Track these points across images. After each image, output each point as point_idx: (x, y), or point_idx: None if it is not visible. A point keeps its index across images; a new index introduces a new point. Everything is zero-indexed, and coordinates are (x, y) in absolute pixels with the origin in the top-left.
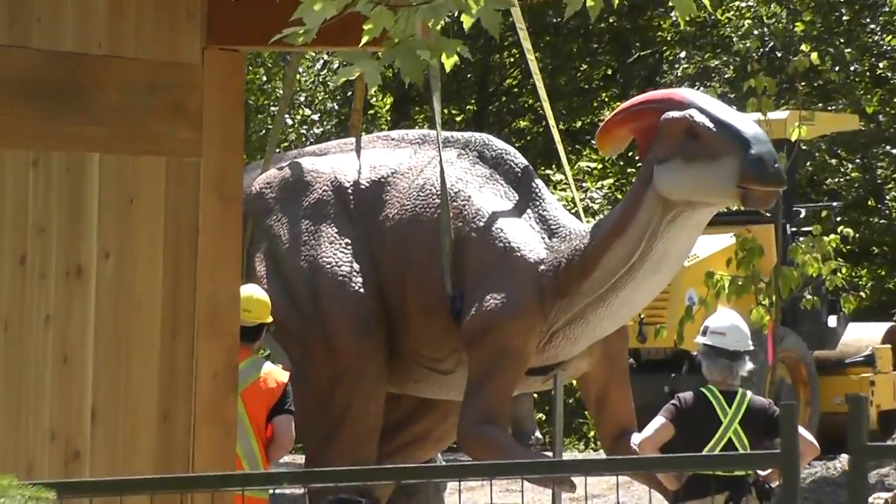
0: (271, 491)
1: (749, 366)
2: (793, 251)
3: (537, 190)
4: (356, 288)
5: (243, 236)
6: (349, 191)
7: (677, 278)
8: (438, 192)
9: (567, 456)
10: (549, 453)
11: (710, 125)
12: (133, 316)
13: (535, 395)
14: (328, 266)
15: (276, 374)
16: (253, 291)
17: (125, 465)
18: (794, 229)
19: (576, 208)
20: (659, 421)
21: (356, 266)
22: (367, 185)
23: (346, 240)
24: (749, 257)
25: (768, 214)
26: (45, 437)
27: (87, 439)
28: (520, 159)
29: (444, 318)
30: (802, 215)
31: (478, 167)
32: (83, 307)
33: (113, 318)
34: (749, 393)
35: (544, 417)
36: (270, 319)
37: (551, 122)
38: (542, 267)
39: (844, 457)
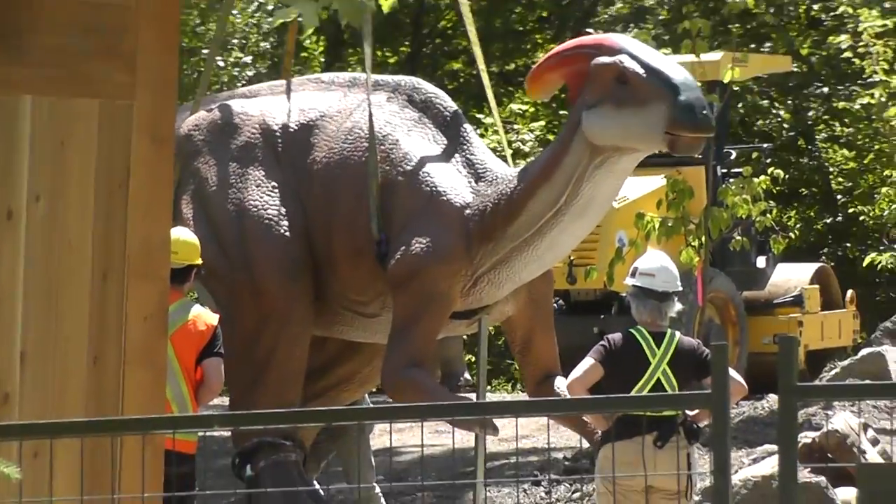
0: (200, 433)
1: (678, 307)
2: (723, 193)
3: (465, 134)
4: (283, 231)
5: None
6: (277, 134)
7: (607, 219)
8: (367, 136)
9: (495, 397)
10: (473, 395)
11: (640, 71)
12: (64, 259)
13: (465, 338)
14: (255, 209)
15: (205, 316)
16: (180, 234)
17: (55, 409)
18: (724, 171)
19: (504, 152)
20: (588, 362)
21: (283, 209)
22: (296, 128)
23: (274, 183)
24: (679, 199)
25: (699, 156)
26: None
27: (16, 382)
28: (449, 103)
29: (371, 261)
30: (733, 157)
31: (407, 111)
32: (13, 250)
33: (43, 262)
34: (678, 334)
35: (473, 359)
36: (200, 262)
37: (481, 66)
38: (468, 211)
39: (773, 397)
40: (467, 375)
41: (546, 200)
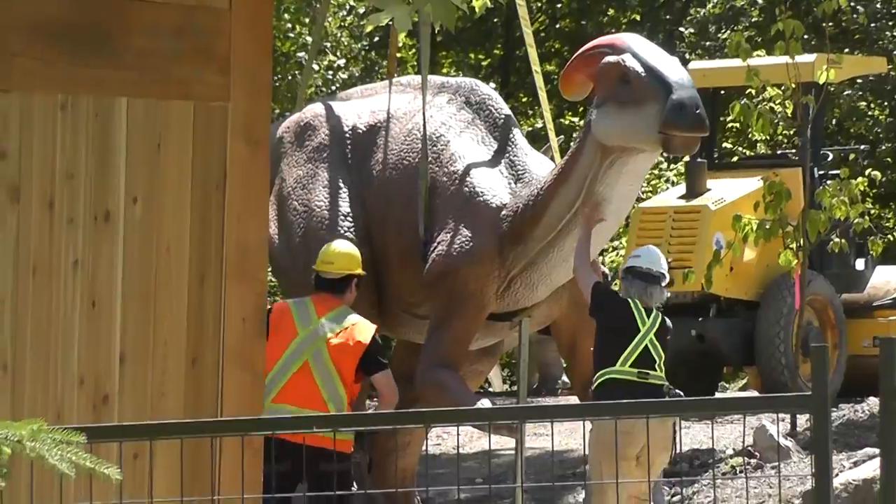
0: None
1: (664, 295)
2: (820, 194)
3: (513, 137)
4: (343, 232)
5: None
6: (347, 136)
7: (705, 222)
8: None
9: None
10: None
11: (640, 70)
12: (161, 260)
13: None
14: (319, 210)
15: (361, 325)
16: (338, 245)
17: (154, 410)
18: (821, 172)
19: (550, 151)
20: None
21: (346, 210)
22: (364, 129)
23: (340, 184)
24: (777, 201)
25: (795, 158)
26: (73, 381)
27: (115, 383)
28: (501, 105)
29: (418, 262)
30: (830, 158)
31: (462, 112)
32: (111, 252)
33: (141, 263)
34: (661, 314)
35: (565, 365)
36: (359, 271)
37: (535, 67)
38: (504, 212)
39: (873, 400)
40: (565, 378)
41: (564, 201)
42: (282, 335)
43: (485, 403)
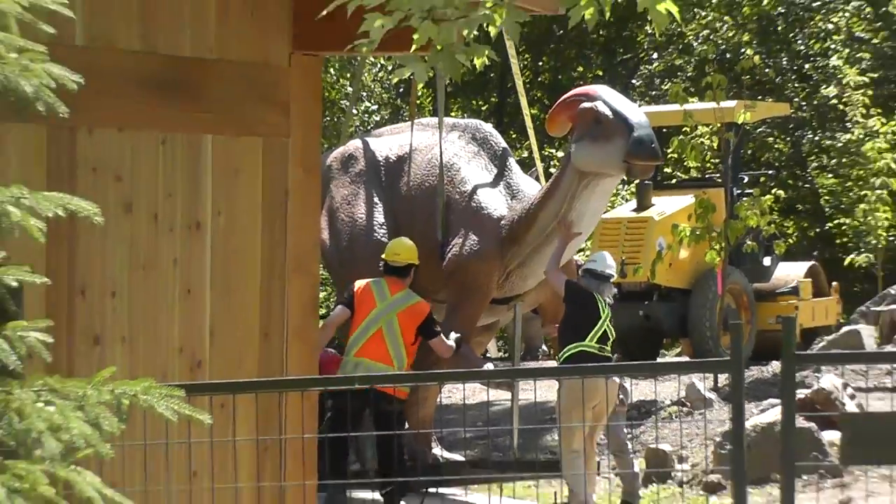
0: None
1: (613, 290)
2: (738, 208)
3: (509, 164)
4: (379, 237)
5: None
6: (381, 164)
7: (650, 229)
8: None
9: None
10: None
11: (609, 113)
12: (239, 259)
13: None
14: (361, 220)
15: (422, 303)
16: (403, 241)
17: (236, 372)
18: (739, 191)
19: (536, 174)
20: (562, 276)
21: (382, 221)
22: (394, 159)
23: (376, 200)
24: (705, 213)
25: (719, 180)
26: (174, 350)
27: (206, 352)
28: (499, 140)
29: (437, 260)
30: (745, 181)
31: (470, 145)
32: (201, 253)
33: (224, 261)
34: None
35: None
36: (416, 262)
37: (525, 111)
38: (503, 222)
39: (775, 363)
40: (544, 347)
41: (550, 213)
42: (364, 306)
43: (488, 366)
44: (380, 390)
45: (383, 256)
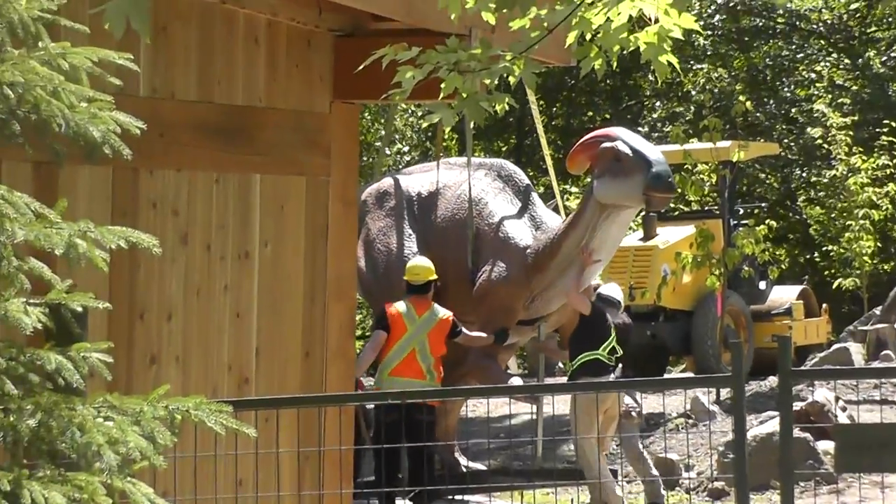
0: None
1: (622, 316)
2: (735, 237)
3: (532, 198)
4: None
5: None
6: (414, 199)
7: (656, 256)
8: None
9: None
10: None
11: (629, 152)
12: (284, 285)
13: (558, 339)
14: (396, 251)
15: (446, 315)
16: (419, 261)
17: (280, 388)
18: (735, 222)
19: (555, 205)
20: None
21: (415, 250)
22: (426, 195)
23: (410, 232)
24: (705, 242)
25: (717, 212)
26: (224, 368)
27: (252, 370)
28: (522, 177)
29: (467, 286)
30: (741, 212)
31: (495, 182)
32: (250, 279)
33: (270, 287)
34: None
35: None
36: (434, 277)
37: (545, 150)
38: (528, 251)
39: (772, 378)
40: (560, 364)
41: (573, 242)
42: (397, 329)
43: (517, 381)
44: (414, 403)
45: (405, 277)
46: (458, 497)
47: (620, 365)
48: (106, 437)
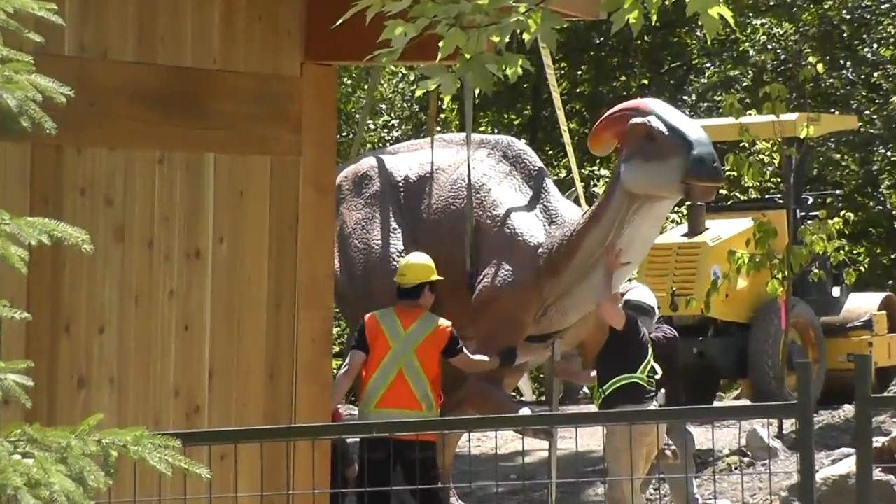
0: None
1: (663, 327)
2: (802, 232)
3: (546, 185)
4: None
5: None
6: (400, 185)
7: (704, 256)
8: (467, 186)
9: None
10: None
11: (664, 129)
12: (243, 291)
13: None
14: (377, 248)
15: (442, 325)
16: (410, 257)
17: (238, 418)
18: (802, 214)
19: (575, 195)
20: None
21: (400, 248)
22: (415, 179)
23: (395, 226)
24: (765, 238)
25: (781, 201)
26: (169, 393)
27: (205, 395)
28: (534, 158)
29: (465, 291)
30: (810, 202)
31: (501, 164)
32: (201, 284)
33: (226, 293)
34: None
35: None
36: (432, 278)
37: (563, 126)
38: (540, 250)
39: (848, 407)
40: (585, 389)
41: (597, 240)
42: (377, 348)
43: (525, 411)
44: (401, 439)
45: (395, 278)
46: None
47: (663, 390)
48: (24, 478)
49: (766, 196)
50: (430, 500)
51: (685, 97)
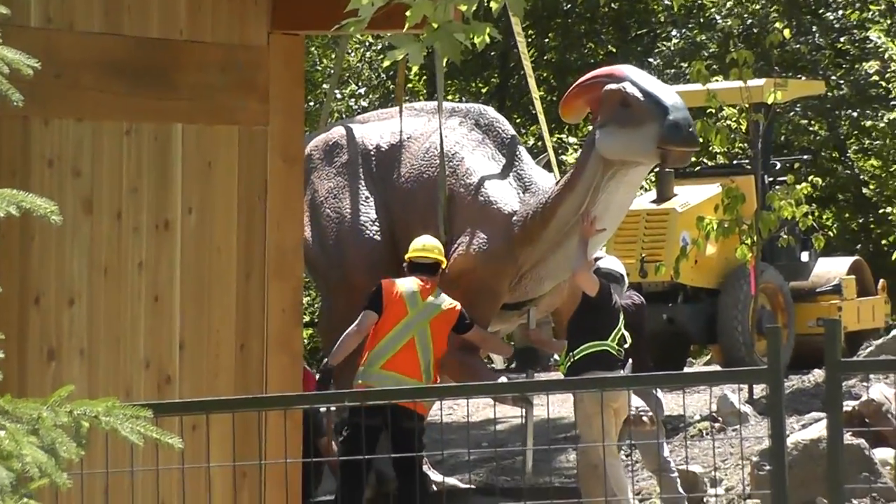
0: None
1: (631, 294)
2: (770, 198)
3: (519, 153)
4: (371, 235)
5: None
6: (372, 153)
7: (672, 222)
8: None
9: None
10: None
11: (639, 95)
12: (213, 262)
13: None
14: (350, 217)
15: (452, 303)
16: (430, 239)
17: (209, 389)
18: (771, 179)
19: (547, 161)
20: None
21: (373, 217)
22: (387, 148)
23: (367, 195)
24: (733, 204)
25: (749, 167)
26: (140, 365)
27: (176, 367)
28: (507, 127)
29: None
30: (778, 167)
31: (473, 133)
32: (170, 255)
33: (196, 264)
34: None
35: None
36: (445, 264)
37: (534, 93)
38: (515, 218)
39: (818, 371)
40: (556, 357)
41: (571, 208)
42: (393, 312)
43: (501, 380)
44: (400, 405)
45: (407, 256)
46: None
47: (630, 360)
48: None
49: (734, 162)
50: (412, 470)
51: (652, 61)
